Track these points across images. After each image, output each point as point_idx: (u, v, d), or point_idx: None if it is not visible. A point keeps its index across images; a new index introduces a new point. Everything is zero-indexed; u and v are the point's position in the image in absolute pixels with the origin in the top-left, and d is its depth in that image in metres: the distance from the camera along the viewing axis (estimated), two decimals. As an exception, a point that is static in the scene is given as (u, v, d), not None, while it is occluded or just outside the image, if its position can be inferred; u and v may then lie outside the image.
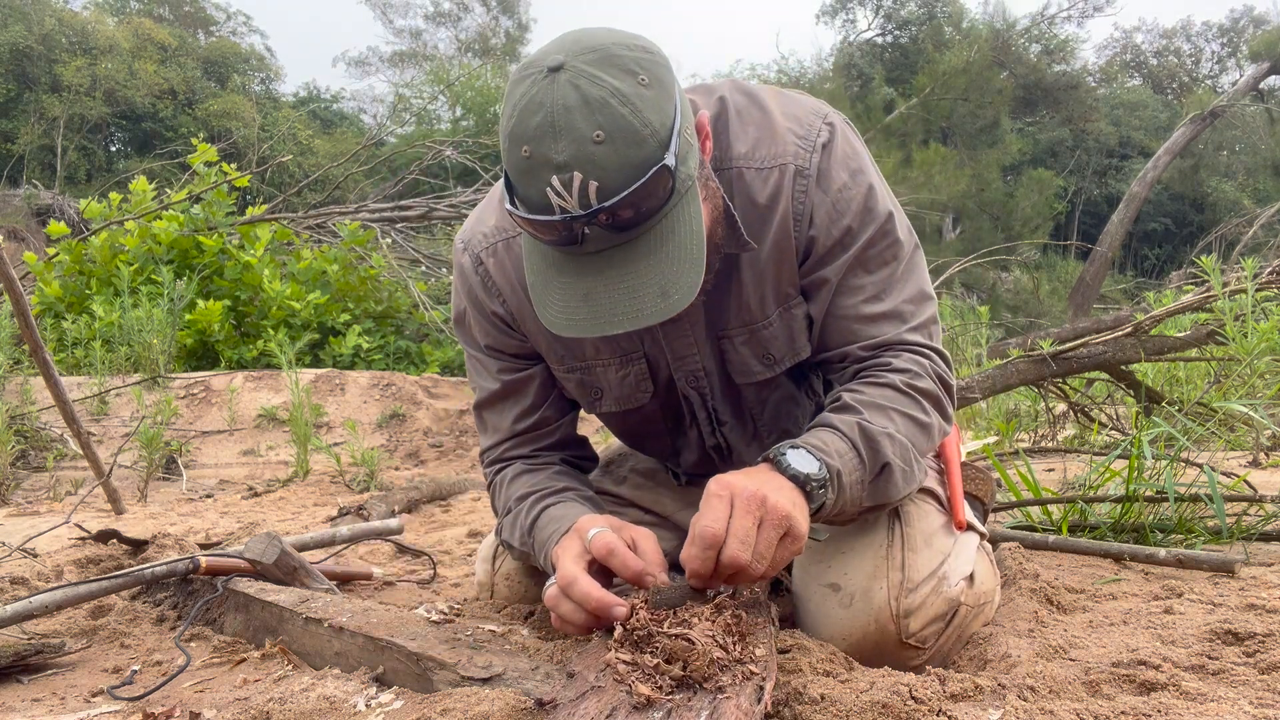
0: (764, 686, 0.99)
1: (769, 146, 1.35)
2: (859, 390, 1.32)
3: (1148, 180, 17.26)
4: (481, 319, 1.51)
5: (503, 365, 1.53)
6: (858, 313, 1.36)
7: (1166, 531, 2.13)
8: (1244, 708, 1.02)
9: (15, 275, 2.86)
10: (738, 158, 1.36)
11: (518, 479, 1.50)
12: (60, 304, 7.38)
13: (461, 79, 21.26)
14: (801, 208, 1.34)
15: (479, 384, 1.56)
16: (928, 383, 1.34)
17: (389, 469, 4.93)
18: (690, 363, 1.45)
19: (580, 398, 1.52)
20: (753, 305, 1.40)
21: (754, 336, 1.42)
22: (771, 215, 1.35)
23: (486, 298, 1.48)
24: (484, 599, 1.71)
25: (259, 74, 30.03)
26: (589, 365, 1.47)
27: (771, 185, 1.34)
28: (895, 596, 1.26)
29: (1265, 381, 2.92)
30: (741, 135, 1.36)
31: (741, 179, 1.35)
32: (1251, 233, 13.48)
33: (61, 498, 3.97)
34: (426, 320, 7.65)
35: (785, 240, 1.36)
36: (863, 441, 1.24)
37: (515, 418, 1.54)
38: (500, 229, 1.46)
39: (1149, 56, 32.91)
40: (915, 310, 1.39)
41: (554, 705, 0.98)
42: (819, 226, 1.35)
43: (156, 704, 1.29)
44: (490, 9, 31.46)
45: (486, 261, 1.46)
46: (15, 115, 22.35)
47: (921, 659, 1.29)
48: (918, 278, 1.41)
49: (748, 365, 1.44)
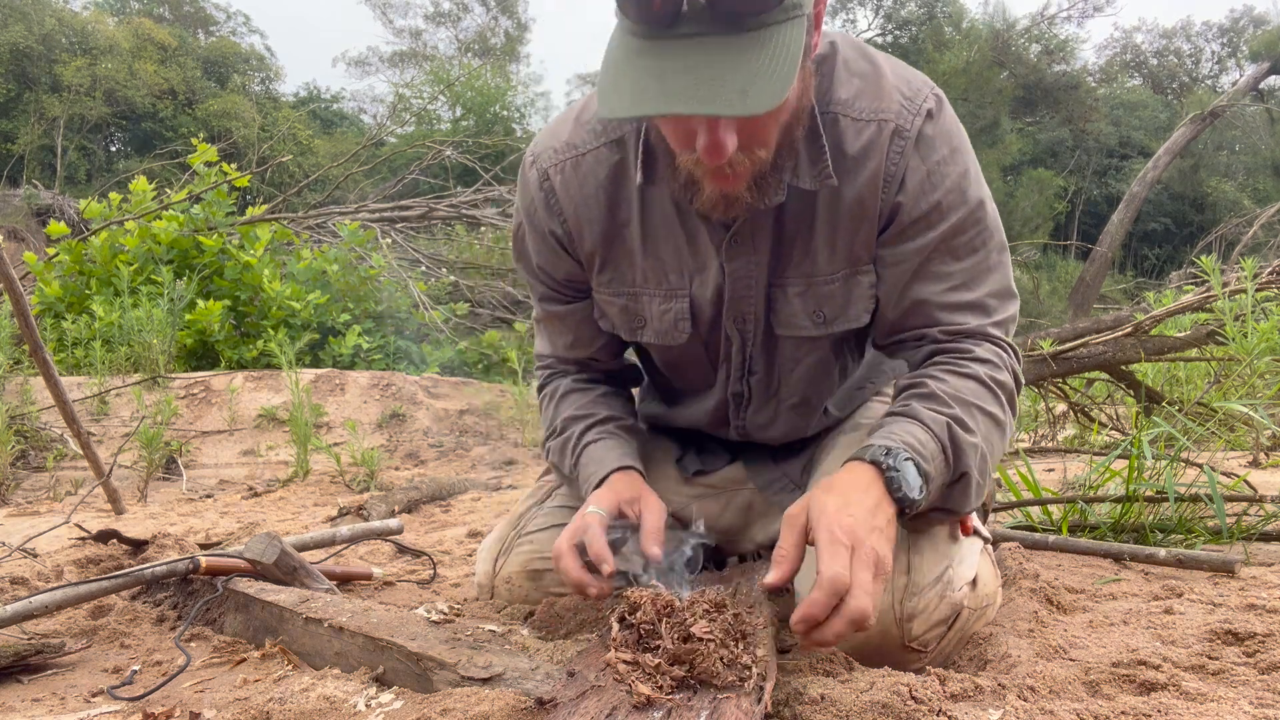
0: (764, 686, 0.98)
1: (872, 100, 1.31)
2: (944, 379, 1.28)
3: (1148, 180, 17.25)
4: (537, 238, 1.51)
5: (547, 293, 1.57)
6: (942, 300, 1.33)
7: (1166, 531, 2.13)
8: (1244, 708, 1.02)
9: (15, 275, 2.86)
10: (837, 103, 1.31)
11: (568, 397, 1.57)
12: (60, 304, 7.38)
13: (461, 79, 21.25)
14: (894, 169, 1.30)
15: (534, 301, 1.63)
16: (1006, 376, 1.32)
17: (389, 469, 4.93)
18: (745, 304, 1.42)
19: (622, 326, 1.52)
20: (819, 259, 1.36)
21: (811, 291, 1.38)
22: (860, 169, 1.31)
23: (546, 215, 1.47)
24: (484, 599, 1.71)
25: (259, 74, 30.05)
26: (635, 292, 1.47)
27: (866, 138, 1.30)
28: (899, 600, 1.25)
29: (1265, 381, 2.92)
30: (845, 83, 1.32)
31: (836, 125, 1.31)
32: (1251, 233, 13.47)
33: (61, 498, 3.97)
34: (426, 320, 7.66)
35: (871, 199, 1.32)
36: (951, 447, 1.22)
37: (564, 346, 1.62)
38: (571, 145, 1.43)
39: (1149, 56, 32.92)
40: (999, 305, 1.36)
41: (554, 704, 0.98)
42: (908, 194, 1.31)
43: (156, 704, 1.29)
44: (490, 9, 31.48)
45: (553, 178, 1.45)
46: (15, 115, 22.35)
47: (922, 661, 1.28)
48: (1004, 272, 1.37)
49: (795, 319, 1.41)
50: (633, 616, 1.07)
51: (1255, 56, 20.49)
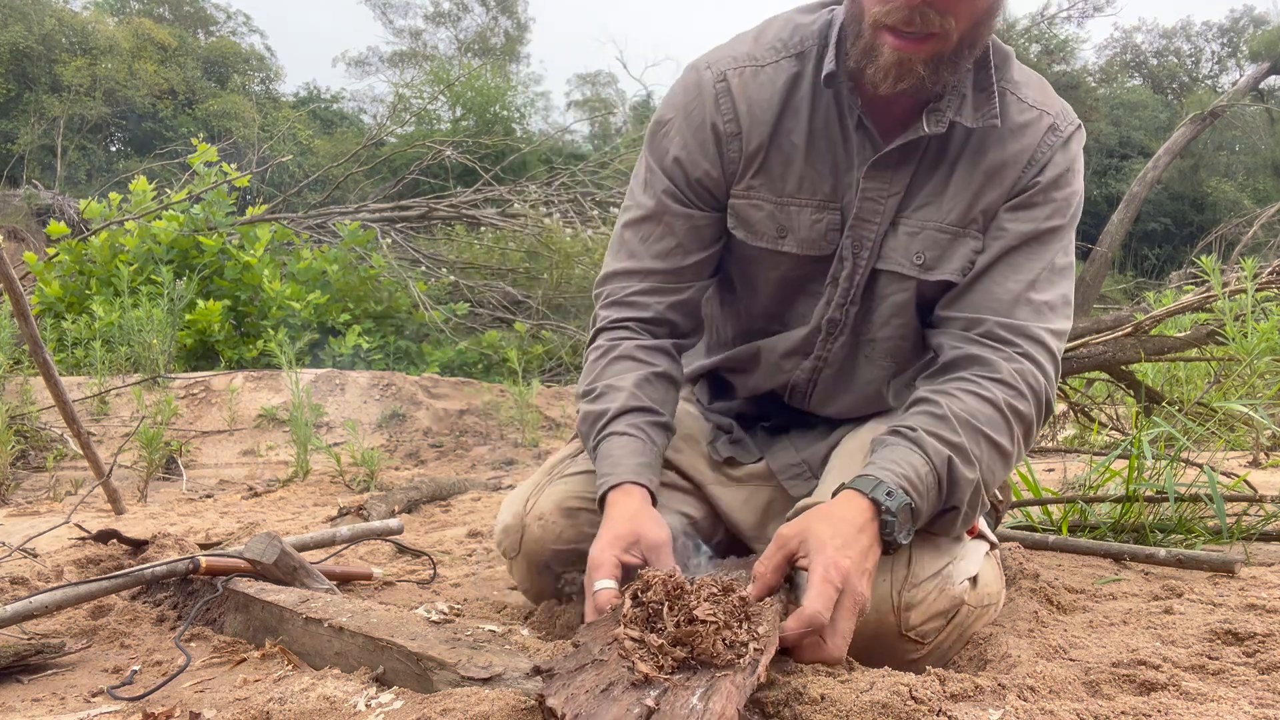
0: (759, 660, 1.00)
1: (1039, 95, 1.46)
2: (960, 399, 1.32)
3: (1148, 180, 17.22)
4: (688, 129, 1.51)
5: (673, 188, 1.54)
6: (1010, 289, 1.40)
7: (1166, 531, 2.13)
8: (1244, 708, 1.02)
9: (15, 275, 2.86)
10: (1010, 81, 1.45)
11: (616, 363, 1.52)
12: (60, 304, 7.38)
13: (461, 79, 21.23)
14: (1042, 156, 1.43)
15: (637, 200, 1.58)
16: (1027, 405, 1.35)
17: (389, 469, 4.93)
18: (867, 228, 1.47)
19: (765, 232, 1.52)
20: (942, 208, 1.44)
21: (923, 234, 1.46)
22: (1015, 140, 1.43)
23: (713, 109, 1.49)
24: (510, 544, 1.59)
25: (259, 74, 30.03)
26: (784, 201, 1.50)
27: (1028, 118, 1.44)
28: (898, 590, 1.28)
29: (1265, 381, 2.92)
30: (1020, 72, 1.47)
31: (1004, 98, 1.43)
32: (1251, 233, 13.46)
33: (61, 498, 3.97)
34: (426, 320, 7.65)
35: (1012, 170, 1.43)
36: (948, 482, 1.26)
37: (657, 252, 1.55)
38: (752, 57, 1.50)
39: (1149, 56, 32.89)
40: (1056, 314, 1.43)
41: (550, 674, 0.98)
42: (1047, 176, 1.43)
43: (156, 704, 1.29)
44: (490, 9, 31.45)
45: (731, 79, 1.49)
46: (15, 115, 22.34)
47: (920, 653, 1.30)
48: (1068, 289, 1.46)
49: (897, 255, 1.47)
50: (645, 595, 1.08)
51: (1255, 56, 20.47)
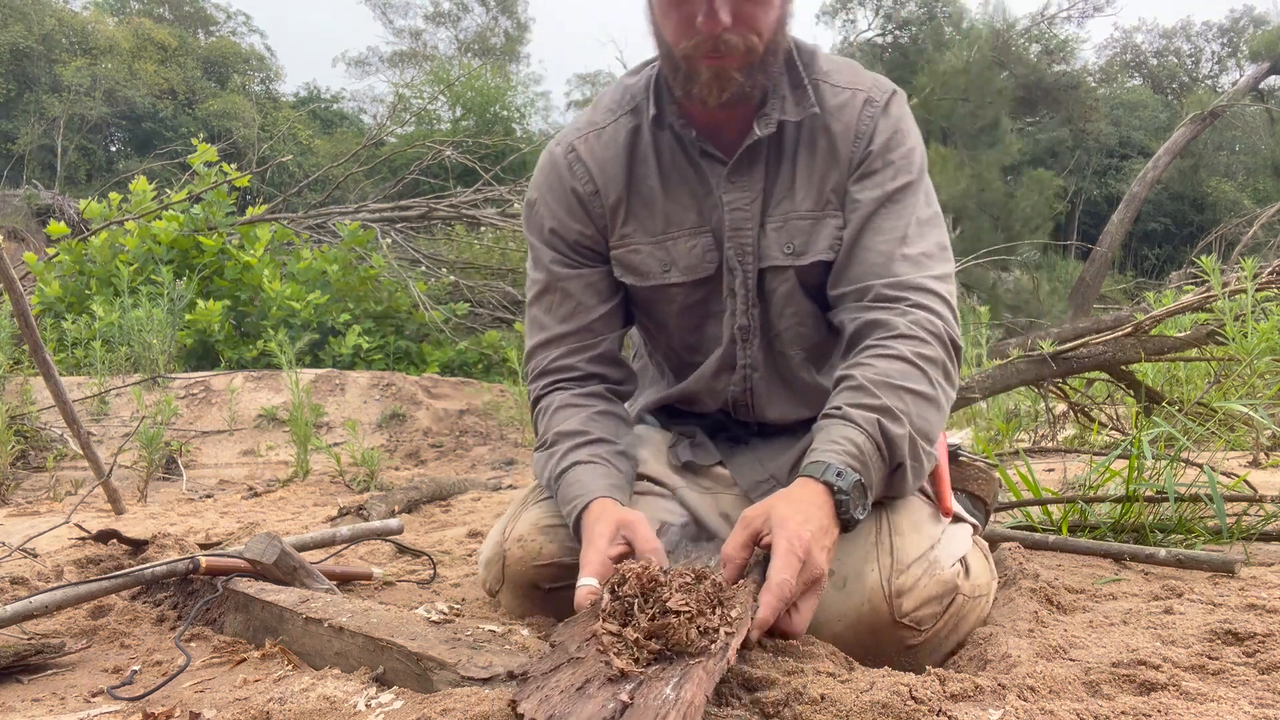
0: (729, 644, 1.01)
1: (850, 76, 1.58)
2: (870, 365, 1.37)
3: (1148, 180, 17.24)
4: (554, 201, 1.63)
5: (557, 257, 1.63)
6: (883, 249, 1.47)
7: (1166, 531, 2.13)
8: (1244, 708, 1.02)
9: (15, 275, 2.86)
10: (819, 73, 1.56)
11: (561, 412, 1.57)
12: (60, 304, 7.38)
13: (461, 79, 21.23)
14: (865, 129, 1.53)
15: (532, 279, 1.67)
16: (935, 348, 1.39)
17: (389, 469, 4.93)
18: (743, 235, 1.56)
19: (650, 269, 1.61)
20: (797, 198, 1.54)
21: (786, 226, 1.55)
22: (837, 121, 1.53)
23: (570, 177, 1.61)
24: (492, 576, 1.61)
25: (259, 74, 30.04)
26: (660, 236, 1.60)
27: (843, 99, 1.55)
28: (886, 578, 1.30)
29: (1265, 381, 2.92)
30: (827, 63, 1.58)
31: (818, 89, 1.55)
32: (1251, 233, 13.46)
33: (61, 498, 3.97)
34: (426, 320, 7.65)
35: (844, 147, 1.53)
36: (884, 443, 1.30)
37: (562, 317, 1.62)
38: (592, 123, 1.63)
39: (1149, 56, 32.89)
40: (934, 261, 1.49)
41: (525, 678, 0.98)
42: (877, 145, 1.52)
43: (156, 704, 1.29)
44: (490, 9, 31.45)
45: (579, 147, 1.62)
46: (15, 115, 22.35)
47: (919, 640, 1.31)
48: (940, 236, 1.53)
49: (770, 251, 1.56)
50: (621, 589, 1.08)
51: (1255, 56, 20.44)
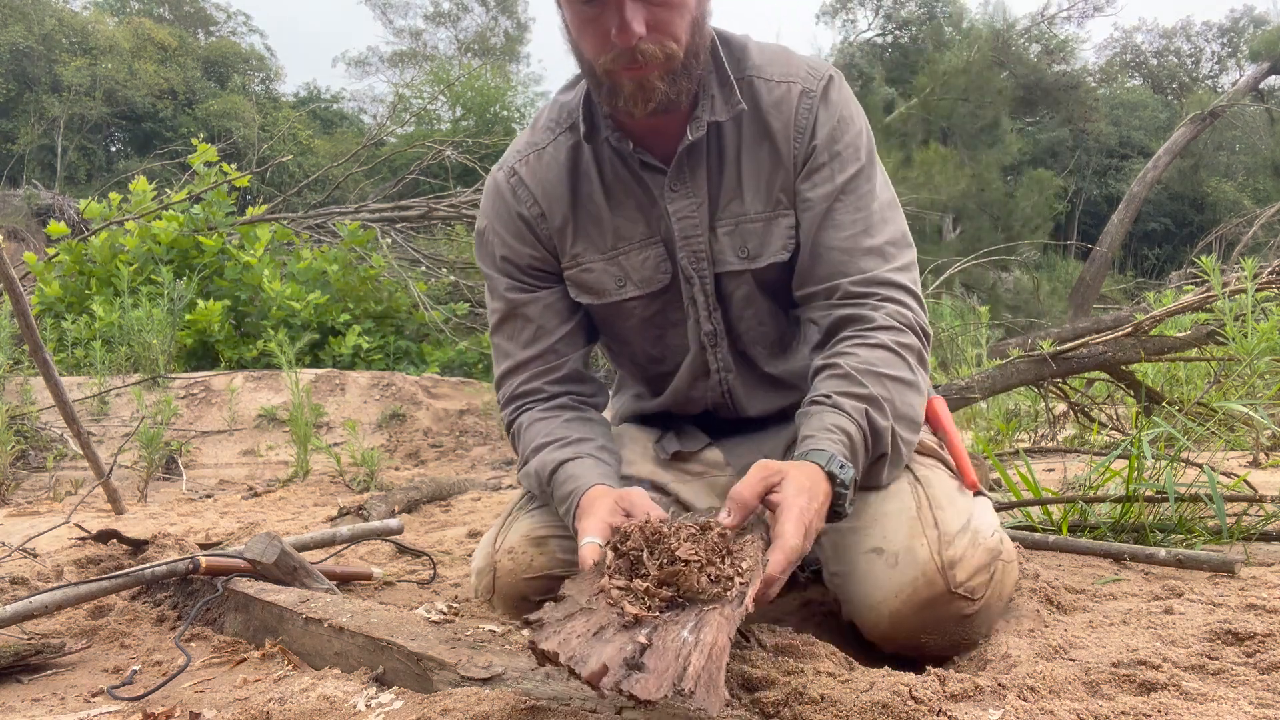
0: (745, 592, 1.02)
1: (782, 67, 1.52)
2: (854, 353, 1.38)
3: (1148, 180, 17.24)
4: (502, 228, 1.60)
5: (512, 284, 1.61)
6: (845, 246, 1.46)
7: (1166, 531, 2.13)
8: (1244, 708, 1.02)
9: (15, 275, 2.86)
10: (751, 68, 1.51)
11: (534, 426, 1.56)
12: (60, 304, 7.38)
13: (461, 79, 21.23)
14: (805, 122, 1.48)
15: (491, 308, 1.65)
16: (911, 337, 1.42)
17: (389, 469, 4.93)
18: (695, 242, 1.54)
19: (606, 286, 1.59)
20: (746, 201, 1.52)
21: (738, 229, 1.53)
22: (774, 119, 1.49)
23: (514, 202, 1.59)
24: (484, 586, 1.61)
25: (259, 74, 30.05)
26: (611, 253, 1.58)
27: (778, 94, 1.50)
28: (937, 551, 1.31)
29: (1265, 381, 2.92)
30: (759, 55, 1.53)
31: (752, 86, 1.50)
32: (1251, 233, 13.46)
33: (61, 498, 3.97)
34: (426, 320, 7.65)
35: (785, 145, 1.49)
36: (871, 434, 1.32)
37: (524, 342, 1.61)
38: (531, 144, 1.60)
39: (1149, 56, 32.89)
40: (898, 252, 1.48)
41: (540, 624, 0.98)
42: (820, 138, 1.48)
43: (156, 704, 1.29)
44: (490, 9, 31.45)
45: (519, 170, 1.59)
46: (15, 115, 22.36)
47: (974, 608, 1.32)
48: (899, 222, 1.52)
49: (725, 255, 1.54)
50: (624, 545, 1.09)
51: (1255, 56, 20.42)
